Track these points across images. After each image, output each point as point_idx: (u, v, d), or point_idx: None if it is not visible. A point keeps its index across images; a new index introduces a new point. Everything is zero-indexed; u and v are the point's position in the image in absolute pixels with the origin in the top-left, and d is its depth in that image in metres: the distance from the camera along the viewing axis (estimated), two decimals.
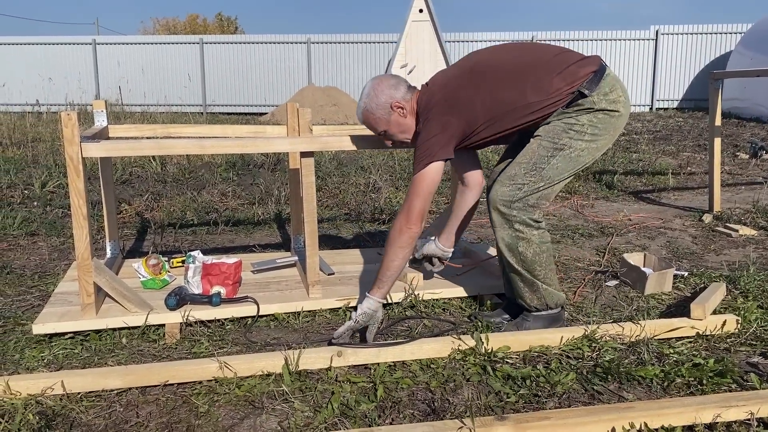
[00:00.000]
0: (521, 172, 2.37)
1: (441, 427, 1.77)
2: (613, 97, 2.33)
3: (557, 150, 2.34)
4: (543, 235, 2.43)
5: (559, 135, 2.34)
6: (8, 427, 1.84)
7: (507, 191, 2.37)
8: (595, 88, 2.31)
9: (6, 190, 5.49)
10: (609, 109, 2.32)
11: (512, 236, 2.39)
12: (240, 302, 2.70)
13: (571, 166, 2.37)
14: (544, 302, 2.50)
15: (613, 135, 2.40)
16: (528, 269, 2.43)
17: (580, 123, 2.33)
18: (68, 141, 2.38)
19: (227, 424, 1.90)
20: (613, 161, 7.31)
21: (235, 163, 6.92)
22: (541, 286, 2.46)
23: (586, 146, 2.35)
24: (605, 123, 2.34)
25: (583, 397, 2.05)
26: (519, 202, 2.36)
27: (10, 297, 3.00)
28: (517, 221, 2.37)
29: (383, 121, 2.48)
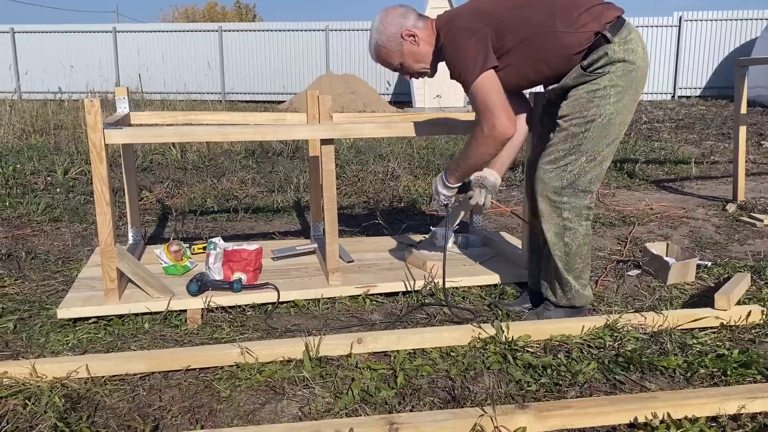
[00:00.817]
0: (561, 155, 2.33)
1: (462, 414, 1.77)
2: (631, 46, 2.25)
3: (588, 123, 2.28)
4: (588, 228, 2.40)
5: (586, 107, 2.28)
6: (35, 409, 1.87)
7: (553, 177, 2.33)
8: (617, 33, 2.23)
9: (30, 177, 5.56)
10: (626, 59, 2.24)
11: (560, 226, 2.36)
12: (261, 289, 2.72)
13: (606, 132, 2.30)
14: (572, 303, 2.48)
15: (636, 90, 2.31)
16: (569, 262, 2.40)
17: (602, 86, 2.26)
18: (91, 127, 2.40)
19: (249, 408, 1.92)
20: (635, 150, 7.22)
21: (254, 151, 6.94)
22: (574, 285, 2.44)
23: (614, 108, 2.28)
24: (625, 79, 2.26)
25: (604, 387, 2.04)
26: (569, 187, 2.32)
27: (35, 282, 3.04)
28: (566, 209, 2.34)
29: (396, 54, 2.40)
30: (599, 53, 2.23)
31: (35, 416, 1.84)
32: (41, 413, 1.85)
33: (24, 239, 3.82)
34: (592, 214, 2.40)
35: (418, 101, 13.74)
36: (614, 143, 2.35)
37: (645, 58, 2.31)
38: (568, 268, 2.42)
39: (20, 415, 1.85)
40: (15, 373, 2.03)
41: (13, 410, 1.88)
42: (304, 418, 1.87)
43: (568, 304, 2.49)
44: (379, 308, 2.73)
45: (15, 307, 2.70)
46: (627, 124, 2.36)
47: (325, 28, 16.65)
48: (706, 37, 15.99)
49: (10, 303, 2.74)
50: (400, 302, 2.77)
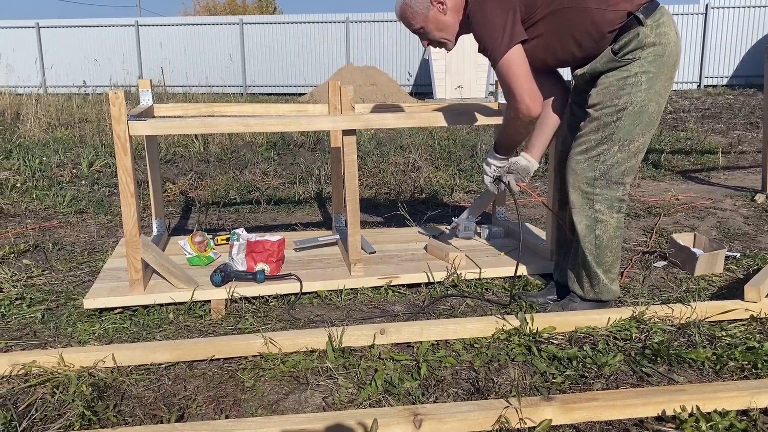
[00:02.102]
0: (593, 144, 2.28)
1: (486, 406, 1.75)
2: (663, 29, 2.18)
3: (621, 111, 2.23)
4: (620, 221, 2.35)
5: (617, 95, 2.23)
6: (63, 398, 1.90)
7: (586, 167, 2.29)
8: (650, 15, 2.17)
9: (55, 169, 5.64)
10: (656, 43, 2.18)
11: (591, 218, 2.32)
12: (283, 279, 2.72)
13: (639, 120, 2.24)
14: (599, 297, 2.45)
15: (668, 76, 2.25)
16: (599, 255, 2.36)
17: (633, 73, 2.21)
18: (115, 119, 2.41)
19: (273, 399, 1.93)
20: (660, 140, 7.11)
21: (275, 143, 6.96)
22: (602, 279, 2.40)
23: (646, 95, 2.22)
24: (656, 64, 2.20)
25: (631, 379, 2.01)
26: (602, 179, 2.28)
27: (62, 272, 3.09)
28: (599, 200, 2.29)
29: (421, 17, 2.33)
30: (630, 35, 2.17)
31: (63, 404, 1.87)
32: (69, 402, 1.87)
33: (51, 231, 3.87)
34: (625, 206, 2.36)
35: (439, 92, 13.67)
36: (648, 132, 2.29)
37: (677, 43, 2.24)
38: (598, 261, 2.38)
39: (49, 403, 1.88)
40: (43, 362, 2.06)
41: (42, 399, 1.91)
42: (327, 409, 1.87)
43: (595, 298, 2.45)
44: (402, 299, 2.72)
45: (42, 297, 2.74)
46: (661, 111, 2.30)
47: (345, 19, 16.62)
48: (734, 24, 15.65)
49: (38, 293, 2.78)
50: (422, 293, 2.76)
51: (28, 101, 9.34)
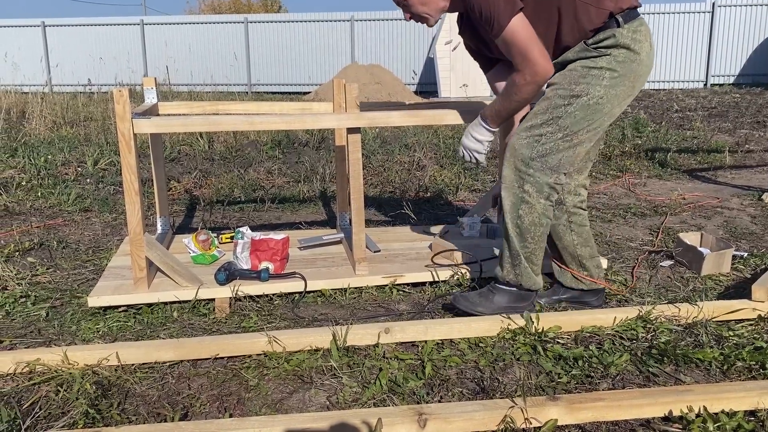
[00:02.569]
0: (538, 122, 2.24)
1: (491, 406, 1.74)
2: (639, 36, 2.18)
3: (574, 97, 2.19)
4: (547, 208, 2.30)
5: (576, 81, 2.20)
6: (67, 396, 1.89)
7: (525, 144, 2.25)
8: (629, 21, 2.17)
9: (61, 168, 5.64)
10: (631, 47, 2.17)
11: (518, 196, 2.28)
12: (288, 278, 2.71)
13: (590, 115, 2.20)
14: (519, 281, 2.40)
15: (633, 83, 2.23)
16: (520, 236, 2.32)
17: (598, 66, 2.18)
18: (120, 117, 2.41)
19: (277, 397, 1.92)
20: (666, 138, 7.07)
21: (280, 142, 6.95)
22: (523, 261, 2.36)
23: (605, 92, 2.19)
24: (624, 66, 2.18)
25: (637, 379, 1.99)
26: (538, 160, 2.23)
27: (66, 270, 3.09)
28: (530, 181, 2.25)
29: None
30: (607, 33, 2.16)
31: (67, 402, 1.87)
32: (73, 399, 1.87)
33: (55, 229, 3.88)
34: (555, 196, 2.30)
35: (444, 91, 13.64)
36: (595, 131, 2.25)
37: (650, 55, 2.23)
38: (521, 243, 2.34)
39: (53, 401, 1.88)
40: (47, 360, 2.05)
41: (46, 396, 1.91)
42: (332, 408, 1.86)
43: (515, 281, 2.40)
44: (406, 298, 2.71)
45: (47, 295, 2.74)
46: (614, 116, 2.28)
47: (350, 18, 16.61)
48: (741, 22, 15.57)
49: (43, 291, 2.79)
50: (427, 292, 2.75)
51: (33, 100, 9.35)
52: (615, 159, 6.10)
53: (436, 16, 2.33)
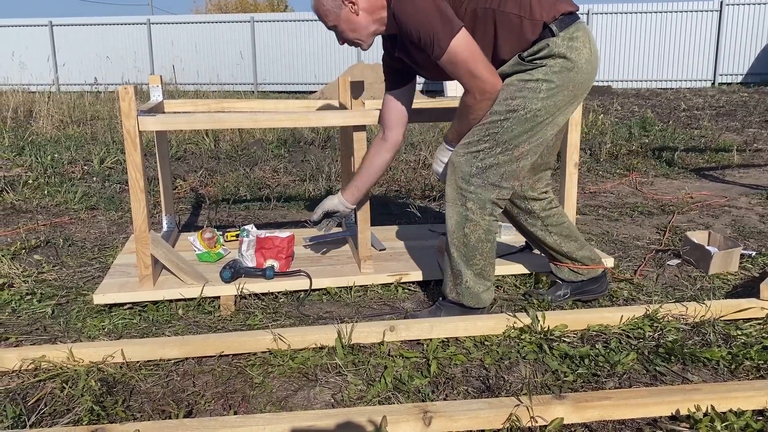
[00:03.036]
0: (475, 139, 2.20)
1: (497, 404, 1.73)
2: (576, 44, 2.12)
3: (510, 112, 2.14)
4: (492, 224, 2.26)
5: (512, 95, 2.14)
6: (72, 393, 1.89)
7: (464, 161, 2.21)
8: (564, 28, 2.11)
9: (67, 166, 5.66)
10: (567, 56, 2.11)
11: (461, 215, 2.24)
12: (293, 276, 2.71)
13: (527, 127, 2.14)
14: (460, 300, 2.36)
15: (573, 91, 2.16)
16: (465, 256, 2.28)
17: (534, 78, 2.11)
18: (125, 115, 2.41)
19: (281, 395, 1.91)
20: (674, 138, 7.04)
21: (286, 140, 6.96)
22: (465, 281, 2.31)
23: (542, 105, 2.14)
24: (561, 77, 2.11)
25: (644, 378, 1.98)
26: (478, 177, 2.19)
27: (72, 268, 3.09)
28: (472, 199, 2.21)
29: (333, 15, 2.20)
30: (541, 45, 2.10)
31: (72, 399, 1.87)
32: (78, 396, 1.87)
33: (62, 227, 3.89)
34: (498, 211, 2.26)
35: (450, 90, 13.62)
36: (538, 142, 2.20)
37: (591, 62, 2.16)
38: (466, 261, 2.29)
39: (58, 398, 1.88)
40: (53, 357, 2.06)
41: (51, 393, 1.91)
42: (336, 405, 1.85)
43: (456, 300, 2.36)
44: (411, 296, 2.70)
45: (53, 292, 2.75)
46: (559, 125, 2.22)
47: None
48: (749, 21, 15.49)
49: (49, 289, 2.79)
50: (432, 291, 2.74)
51: (40, 99, 9.40)
52: (622, 158, 6.07)
53: (368, 41, 2.27)
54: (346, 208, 2.60)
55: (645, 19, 15.78)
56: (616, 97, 12.41)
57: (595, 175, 5.43)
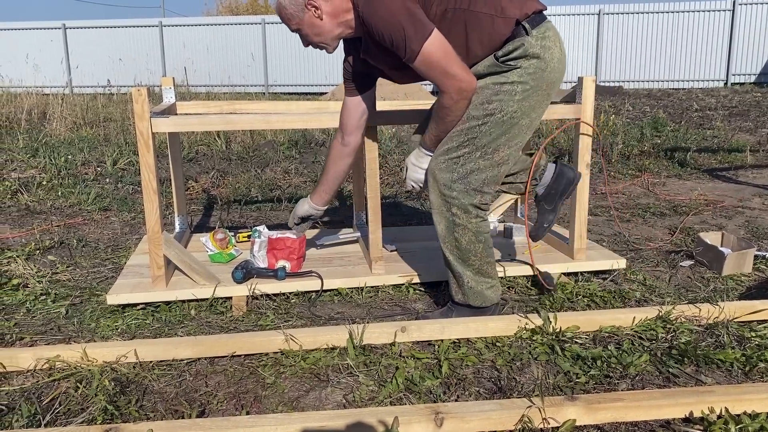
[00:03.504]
0: (454, 145, 2.19)
1: (509, 405, 1.73)
2: (547, 44, 2.12)
3: (488, 116, 2.14)
4: (481, 225, 2.25)
5: (489, 99, 2.14)
6: (86, 392, 1.91)
7: (444, 168, 2.20)
8: (535, 26, 2.11)
9: (81, 167, 5.71)
10: (540, 55, 2.11)
11: (449, 220, 2.24)
12: (304, 276, 2.72)
13: (505, 129, 2.16)
14: (467, 301, 2.36)
15: (546, 91, 2.17)
16: (461, 258, 2.28)
17: (509, 81, 2.13)
18: (138, 116, 2.43)
19: (293, 395, 1.92)
20: (686, 138, 7.00)
21: (297, 141, 6.98)
22: (467, 282, 2.32)
23: (518, 107, 2.15)
24: (536, 77, 2.12)
25: (657, 380, 1.97)
26: (460, 182, 2.19)
27: (86, 269, 3.12)
28: (455, 205, 2.21)
29: (296, 19, 2.17)
30: (516, 44, 2.10)
31: (86, 399, 1.88)
32: (92, 396, 1.89)
33: (75, 228, 3.92)
34: (484, 213, 2.26)
35: None
36: (517, 144, 2.22)
37: (561, 60, 2.18)
38: (463, 262, 2.30)
39: (72, 397, 1.90)
40: (67, 356, 2.07)
41: (65, 393, 1.92)
42: (348, 406, 1.86)
43: (463, 301, 2.37)
44: (422, 297, 2.70)
45: (67, 293, 2.77)
46: (534, 126, 2.23)
47: None
48: (762, 20, 15.34)
49: (63, 289, 2.82)
50: (443, 291, 2.73)
51: (54, 101, 9.47)
52: (633, 158, 6.04)
53: (333, 44, 2.26)
54: (317, 211, 2.68)
55: (657, 19, 15.68)
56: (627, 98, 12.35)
57: (607, 175, 5.41)
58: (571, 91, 2.81)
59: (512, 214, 3.57)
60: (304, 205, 2.67)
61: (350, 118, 2.44)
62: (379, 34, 2.03)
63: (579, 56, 16.23)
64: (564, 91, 2.89)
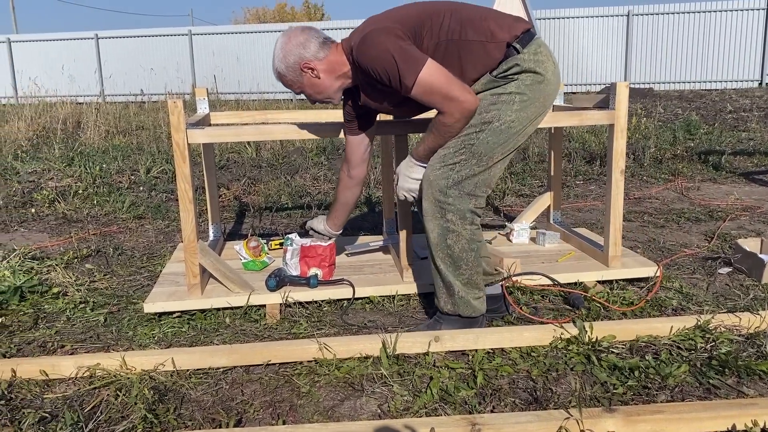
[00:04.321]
0: (451, 153, 2.20)
1: (546, 416, 1.71)
2: (540, 58, 2.17)
3: (485, 124, 2.17)
4: (475, 232, 2.25)
5: (486, 108, 2.17)
6: (125, 400, 1.94)
7: (440, 174, 2.20)
8: (526, 45, 2.16)
9: (115, 176, 5.82)
10: (536, 70, 2.16)
11: (442, 227, 2.22)
12: (336, 284, 2.73)
13: (503, 138, 2.18)
14: (457, 311, 2.33)
15: (543, 104, 2.22)
16: (453, 266, 2.26)
17: (508, 92, 2.16)
18: (175, 128, 2.47)
19: (328, 405, 1.93)
20: (720, 140, 6.87)
21: (325, 148, 7.02)
22: (457, 292, 2.29)
23: (516, 116, 2.17)
24: (533, 89, 2.17)
25: (697, 391, 1.93)
26: (455, 188, 2.19)
27: (122, 277, 3.18)
28: (451, 210, 2.20)
29: (297, 84, 2.30)
30: (509, 63, 2.16)
31: (126, 407, 1.92)
32: (132, 404, 1.92)
33: (111, 236, 4.00)
34: (478, 219, 2.26)
35: None
36: (509, 153, 2.25)
37: (555, 73, 2.22)
38: (455, 272, 2.28)
39: (112, 405, 1.93)
40: (107, 365, 2.12)
41: (106, 400, 1.96)
42: (383, 416, 1.86)
43: (453, 311, 2.34)
44: None
45: (105, 301, 2.83)
46: (527, 135, 2.26)
47: None
48: None
49: (101, 297, 2.87)
50: None
51: (88, 110, 9.68)
52: (666, 162, 5.95)
53: (336, 97, 2.34)
54: (332, 234, 2.82)
55: (687, 19, 15.43)
56: (658, 100, 12.16)
57: (639, 180, 5.33)
58: (604, 96, 2.78)
59: (544, 220, 3.54)
60: (321, 224, 2.80)
61: (354, 154, 2.56)
62: (375, 73, 2.10)
63: (608, 58, 16.05)
64: (595, 96, 2.86)
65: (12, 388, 2.05)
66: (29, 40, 18.15)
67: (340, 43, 2.29)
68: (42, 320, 2.65)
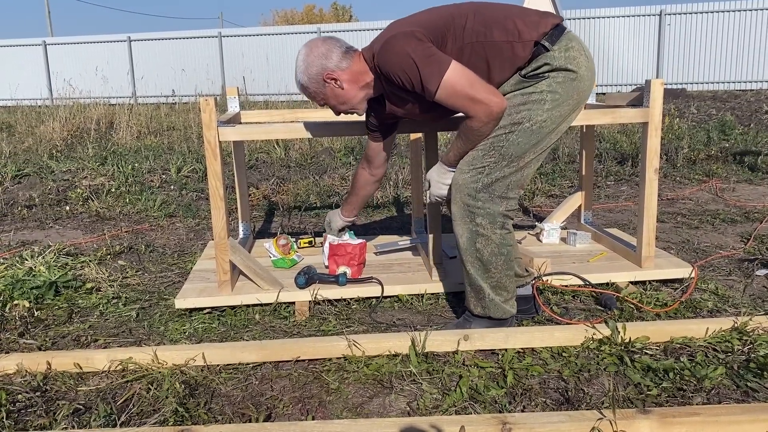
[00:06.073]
0: (480, 155, 2.15)
1: (579, 417, 1.69)
2: (572, 53, 2.10)
3: (515, 125, 2.11)
4: (506, 237, 2.20)
5: (517, 108, 2.11)
6: (157, 394, 1.97)
7: (469, 178, 2.16)
8: (555, 41, 2.09)
9: (146, 175, 5.91)
10: (568, 68, 2.09)
11: (472, 231, 2.18)
12: (365, 283, 2.73)
13: (534, 139, 2.13)
14: (487, 313, 2.29)
15: (577, 101, 2.16)
16: (482, 269, 2.22)
17: (539, 91, 2.10)
18: (206, 126, 2.49)
19: (357, 401, 1.93)
20: (756, 141, 6.71)
21: (353, 148, 7.04)
22: (488, 295, 2.25)
23: (548, 116, 2.11)
24: (566, 87, 2.11)
25: (735, 394, 1.88)
26: (485, 191, 2.15)
27: (154, 273, 3.22)
28: (480, 214, 2.16)
29: (320, 95, 2.28)
30: (539, 61, 2.10)
31: (158, 400, 1.94)
32: (163, 398, 1.94)
33: (143, 234, 4.05)
34: (510, 223, 2.21)
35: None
36: (542, 153, 2.19)
37: (590, 68, 2.14)
38: (483, 276, 2.23)
39: (144, 398, 1.95)
40: (139, 359, 2.14)
41: (138, 394, 1.98)
42: (412, 414, 1.85)
43: (483, 314, 2.30)
44: None
45: (137, 296, 2.87)
46: (562, 132, 2.20)
47: None
48: None
49: (133, 293, 2.91)
50: None
51: (120, 111, 9.86)
52: (700, 163, 5.84)
53: (361, 107, 2.32)
54: (351, 222, 2.88)
55: (720, 18, 15.11)
56: (691, 100, 11.94)
57: (672, 181, 5.24)
58: (638, 94, 2.73)
59: (574, 221, 3.50)
60: (338, 220, 2.86)
61: (378, 157, 2.61)
62: (398, 79, 2.06)
63: (640, 58, 15.80)
64: (629, 95, 2.81)
65: (47, 381, 2.09)
66: (64, 43, 18.52)
67: (361, 51, 2.26)
68: (76, 315, 2.70)
